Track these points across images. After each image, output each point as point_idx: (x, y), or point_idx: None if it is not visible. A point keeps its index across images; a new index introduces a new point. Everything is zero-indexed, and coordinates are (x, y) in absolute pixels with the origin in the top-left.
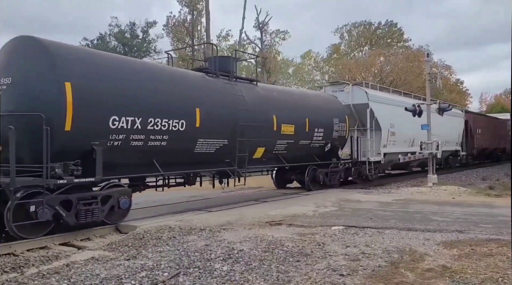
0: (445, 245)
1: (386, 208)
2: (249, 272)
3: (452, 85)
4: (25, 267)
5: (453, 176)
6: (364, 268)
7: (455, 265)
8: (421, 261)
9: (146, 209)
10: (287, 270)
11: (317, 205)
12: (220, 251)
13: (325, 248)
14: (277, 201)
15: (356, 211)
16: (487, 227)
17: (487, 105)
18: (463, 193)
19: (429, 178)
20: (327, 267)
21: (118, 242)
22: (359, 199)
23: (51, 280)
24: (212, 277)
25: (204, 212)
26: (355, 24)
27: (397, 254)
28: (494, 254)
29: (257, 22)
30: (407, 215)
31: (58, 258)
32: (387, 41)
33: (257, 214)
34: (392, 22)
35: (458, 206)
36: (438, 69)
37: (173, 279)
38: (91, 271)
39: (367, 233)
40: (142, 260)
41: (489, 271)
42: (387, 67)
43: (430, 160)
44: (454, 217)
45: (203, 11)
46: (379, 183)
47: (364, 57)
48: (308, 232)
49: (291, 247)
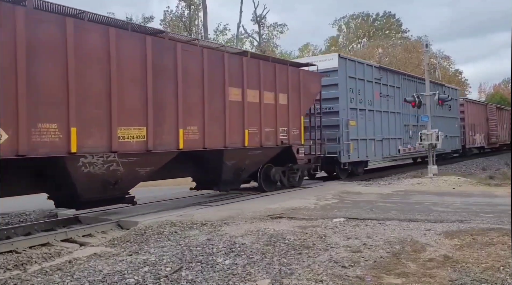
0: (446, 235)
1: (387, 199)
2: (251, 265)
3: (451, 75)
4: (27, 264)
5: (453, 166)
6: (366, 260)
7: (456, 255)
8: (423, 252)
9: (147, 204)
10: (289, 263)
11: (317, 197)
12: (222, 245)
13: (326, 240)
14: (278, 194)
15: (357, 203)
16: (487, 217)
17: (486, 95)
18: (463, 183)
19: (430, 169)
20: (329, 259)
21: (120, 238)
22: (360, 191)
23: (54, 277)
24: (214, 271)
25: (205, 207)
26: (353, 16)
27: (398, 245)
28: (495, 243)
29: (254, 15)
30: (408, 206)
31: (60, 254)
32: (385, 32)
33: (258, 207)
34: (390, 13)
35: (459, 196)
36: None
37: (175, 274)
38: (94, 267)
39: (368, 224)
40: (145, 255)
41: (490, 260)
42: (385, 59)
43: (430, 151)
44: (455, 207)
45: (200, 6)
46: (379, 175)
47: (362, 49)
48: (310, 225)
49: (292, 239)
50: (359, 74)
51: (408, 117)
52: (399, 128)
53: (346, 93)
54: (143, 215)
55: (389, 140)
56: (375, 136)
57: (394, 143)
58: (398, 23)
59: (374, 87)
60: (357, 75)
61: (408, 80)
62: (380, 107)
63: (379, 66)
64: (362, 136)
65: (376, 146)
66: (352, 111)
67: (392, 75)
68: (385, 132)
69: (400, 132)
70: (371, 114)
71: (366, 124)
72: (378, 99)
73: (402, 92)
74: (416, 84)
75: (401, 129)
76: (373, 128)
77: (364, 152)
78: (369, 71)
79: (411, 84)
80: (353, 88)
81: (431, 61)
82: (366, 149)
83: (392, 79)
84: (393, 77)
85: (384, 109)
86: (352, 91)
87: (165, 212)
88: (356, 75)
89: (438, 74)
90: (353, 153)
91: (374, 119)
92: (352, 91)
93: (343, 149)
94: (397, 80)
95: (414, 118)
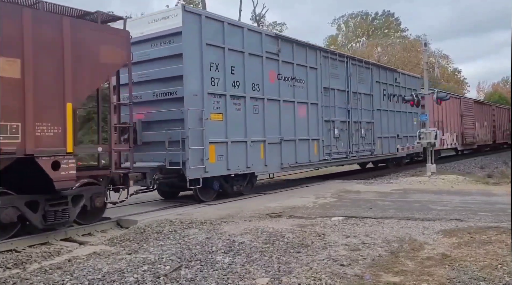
0: (444, 234)
1: (385, 198)
2: (250, 264)
3: (450, 74)
4: (27, 263)
5: (451, 165)
6: (364, 258)
7: (454, 253)
8: (421, 250)
9: (146, 203)
10: (288, 261)
11: (317, 196)
12: (221, 244)
13: (325, 239)
14: (277, 193)
15: (356, 201)
16: (486, 215)
17: (484, 94)
18: (461, 181)
19: (428, 168)
20: (328, 257)
21: (120, 236)
22: (359, 190)
23: (53, 276)
24: (213, 270)
25: (204, 206)
26: (352, 15)
27: (396, 243)
28: (493, 241)
29: (254, 14)
30: (406, 204)
31: (60, 253)
32: (384, 31)
33: (257, 206)
34: (390, 12)
35: (457, 194)
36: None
37: (175, 272)
38: (93, 266)
39: (367, 223)
40: (144, 254)
41: (488, 258)
42: (384, 57)
43: (429, 149)
44: (453, 205)
45: (200, 4)
46: (378, 173)
47: (361, 48)
48: (309, 223)
49: (291, 238)
50: (233, 43)
51: (333, 111)
52: (315, 125)
53: (201, 69)
54: (142, 214)
55: (295, 142)
56: (266, 137)
57: (307, 146)
58: (397, 22)
59: (266, 65)
60: (229, 44)
61: (332, 59)
62: (278, 95)
63: (275, 35)
64: (236, 136)
65: (269, 150)
66: (215, 99)
67: (302, 50)
68: (287, 131)
69: (318, 132)
70: (259, 104)
71: (247, 119)
72: (274, 83)
73: (322, 75)
74: (346, 65)
75: (320, 127)
76: (262, 125)
77: (242, 159)
78: (255, 41)
79: (339, 65)
80: (218, 63)
81: (430, 60)
82: (247, 155)
83: (303, 56)
84: (303, 53)
85: (287, 98)
86: (216, 69)
87: (164, 210)
88: (226, 43)
89: (436, 72)
90: (216, 163)
91: (265, 113)
92: (216, 68)
93: (191, 156)
94: (312, 58)
95: (345, 113)
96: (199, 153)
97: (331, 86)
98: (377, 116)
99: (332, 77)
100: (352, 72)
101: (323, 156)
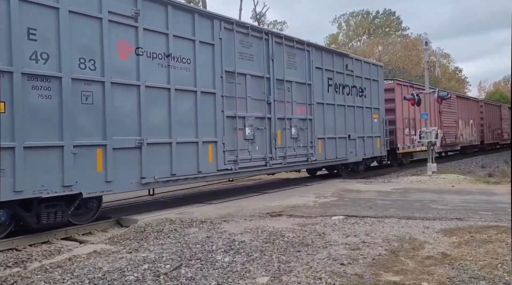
0: (444, 233)
1: (386, 197)
2: (251, 263)
3: (451, 73)
4: (28, 262)
5: (452, 164)
6: (365, 257)
7: (454, 252)
8: (421, 249)
9: (146, 202)
10: (288, 260)
11: (317, 195)
12: (221, 243)
13: (325, 238)
14: (277, 192)
15: (356, 200)
16: (486, 214)
17: (486, 93)
18: (462, 181)
19: (429, 167)
20: (328, 256)
21: (120, 235)
22: (359, 189)
23: (54, 274)
24: (213, 269)
25: (204, 205)
26: (353, 13)
27: (397, 243)
28: (493, 240)
29: (254, 13)
30: (407, 203)
31: (60, 252)
32: (385, 30)
33: (257, 205)
34: (390, 11)
35: (458, 193)
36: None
37: (175, 271)
38: (94, 265)
39: (367, 222)
40: (144, 252)
41: (488, 258)
42: (385, 56)
43: (430, 149)
44: (454, 204)
45: (200, 3)
46: (379, 172)
47: (362, 47)
48: (309, 222)
49: (291, 237)
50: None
51: (243, 103)
52: (211, 122)
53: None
54: (143, 213)
55: (170, 146)
56: (108, 140)
57: (194, 151)
58: (398, 20)
59: (112, 33)
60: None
61: (242, 34)
62: (137, 77)
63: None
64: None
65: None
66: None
67: (186, 16)
68: (156, 130)
69: (215, 131)
70: (96, 90)
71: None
72: (128, 60)
73: (223, 55)
74: (267, 44)
75: (219, 125)
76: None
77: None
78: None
79: (254, 42)
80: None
81: (431, 59)
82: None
83: (188, 26)
84: (189, 21)
85: (154, 82)
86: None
87: (164, 209)
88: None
89: (437, 71)
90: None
91: (106, 103)
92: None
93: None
94: (206, 30)
95: (263, 106)
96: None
97: (239, 71)
98: (319, 112)
99: (242, 59)
100: (276, 53)
101: (224, 164)
